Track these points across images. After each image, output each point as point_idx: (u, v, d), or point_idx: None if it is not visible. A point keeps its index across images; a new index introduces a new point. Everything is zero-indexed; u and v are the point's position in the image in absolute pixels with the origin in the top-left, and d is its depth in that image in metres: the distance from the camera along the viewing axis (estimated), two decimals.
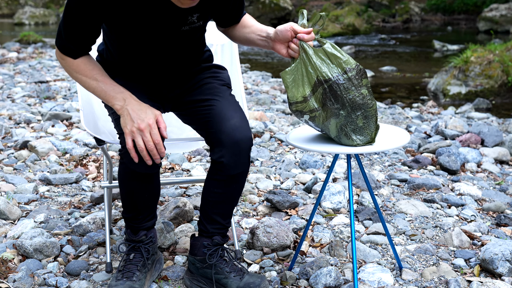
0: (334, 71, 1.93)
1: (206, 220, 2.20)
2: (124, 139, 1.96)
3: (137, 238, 2.21)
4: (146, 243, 2.22)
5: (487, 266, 2.38)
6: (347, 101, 1.93)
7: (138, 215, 2.19)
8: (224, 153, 2.01)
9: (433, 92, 7.30)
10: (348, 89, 1.93)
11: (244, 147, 2.02)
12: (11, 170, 3.60)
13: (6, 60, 8.54)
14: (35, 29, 16.81)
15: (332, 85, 1.92)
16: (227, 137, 2.00)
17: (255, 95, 6.20)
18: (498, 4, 15.18)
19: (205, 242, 2.19)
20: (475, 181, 3.57)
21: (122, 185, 2.14)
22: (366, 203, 3.09)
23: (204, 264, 2.19)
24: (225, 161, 2.02)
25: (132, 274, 2.14)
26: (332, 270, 2.26)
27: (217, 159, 2.04)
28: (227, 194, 2.14)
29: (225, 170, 2.05)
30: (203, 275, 2.21)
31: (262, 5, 16.25)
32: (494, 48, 7.34)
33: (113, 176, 2.79)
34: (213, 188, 2.14)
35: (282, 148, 4.15)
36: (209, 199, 2.16)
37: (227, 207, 2.18)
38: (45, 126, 4.56)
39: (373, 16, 17.56)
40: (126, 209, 2.20)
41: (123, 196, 2.18)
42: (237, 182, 2.12)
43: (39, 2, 23.10)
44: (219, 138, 2.02)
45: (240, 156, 2.02)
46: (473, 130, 4.55)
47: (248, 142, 2.03)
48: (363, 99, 1.94)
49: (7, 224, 2.81)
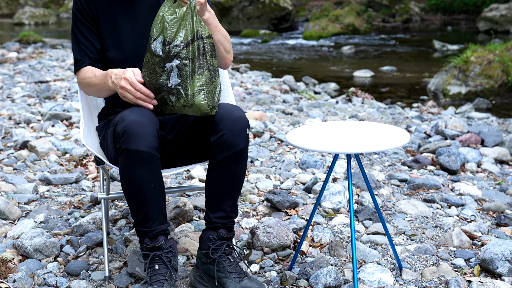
0: (208, 33, 2.10)
1: (209, 209, 2.21)
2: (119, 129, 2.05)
3: (157, 244, 2.10)
4: (166, 251, 2.12)
5: (487, 266, 2.38)
6: (211, 64, 2.09)
7: (149, 213, 2.09)
8: (223, 132, 2.11)
9: (433, 92, 7.30)
10: (214, 55, 2.11)
11: (242, 124, 2.13)
12: (11, 170, 3.60)
13: (6, 60, 8.54)
14: (35, 29, 16.82)
15: (207, 43, 2.08)
16: (224, 117, 2.13)
17: (255, 95, 6.20)
18: (498, 4, 15.18)
19: (210, 235, 2.20)
20: (475, 181, 3.57)
21: (127, 181, 2.07)
22: (366, 203, 3.08)
23: (208, 259, 2.19)
24: (224, 138, 2.10)
25: (161, 284, 2.06)
26: (332, 270, 2.26)
27: (217, 139, 2.12)
28: (227, 177, 2.15)
29: (225, 148, 2.11)
30: (206, 272, 2.21)
31: (262, 5, 16.24)
32: (494, 48, 7.34)
33: (110, 188, 2.79)
34: (214, 173, 2.16)
35: (282, 148, 4.15)
36: (210, 185, 2.18)
37: (228, 192, 2.17)
38: (45, 126, 4.56)
39: (373, 16, 17.56)
40: (136, 209, 2.10)
41: (130, 196, 2.09)
42: (236, 163, 2.14)
43: (39, 2, 23.10)
44: (217, 122, 2.14)
45: (239, 133, 2.12)
46: (473, 130, 4.55)
47: (244, 120, 2.14)
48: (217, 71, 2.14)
49: (7, 224, 2.81)
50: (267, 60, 10.45)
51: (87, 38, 2.29)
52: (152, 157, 2.04)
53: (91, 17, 2.29)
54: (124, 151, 2.03)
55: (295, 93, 6.82)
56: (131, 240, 2.58)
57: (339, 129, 2.29)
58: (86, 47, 2.29)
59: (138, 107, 2.10)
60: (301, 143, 2.09)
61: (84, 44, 2.29)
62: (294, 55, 11.19)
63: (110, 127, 2.26)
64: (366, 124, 2.36)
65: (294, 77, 7.70)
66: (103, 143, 2.32)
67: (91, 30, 2.29)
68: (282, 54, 11.37)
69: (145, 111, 2.09)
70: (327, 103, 6.10)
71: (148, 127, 2.04)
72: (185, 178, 3.50)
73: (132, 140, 2.00)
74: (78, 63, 2.30)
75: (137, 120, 2.03)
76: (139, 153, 2.01)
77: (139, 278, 2.30)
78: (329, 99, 6.52)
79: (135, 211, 2.11)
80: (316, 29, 14.56)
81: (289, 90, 6.92)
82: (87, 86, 2.27)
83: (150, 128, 2.04)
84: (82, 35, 2.29)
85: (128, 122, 2.03)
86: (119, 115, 2.11)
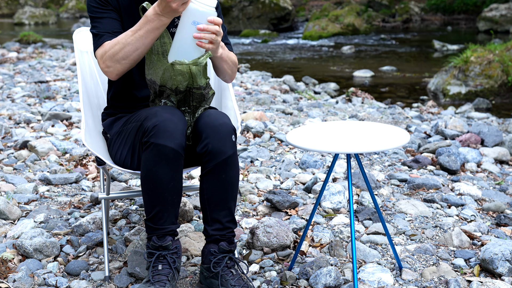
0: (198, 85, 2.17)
1: (206, 223, 2.18)
2: (150, 124, 2.03)
3: (164, 244, 2.09)
4: (172, 252, 2.11)
5: (487, 266, 2.38)
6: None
7: (163, 211, 2.08)
8: (207, 141, 2.08)
9: (433, 92, 7.30)
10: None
11: (225, 131, 2.10)
12: (11, 170, 3.60)
13: (6, 60, 8.54)
14: (35, 29, 16.82)
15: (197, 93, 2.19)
16: (207, 125, 2.10)
17: (255, 95, 6.20)
18: (498, 4, 15.18)
19: (211, 249, 2.17)
20: (475, 181, 3.57)
21: (148, 175, 2.05)
22: (366, 203, 3.09)
23: (211, 273, 2.16)
24: (210, 148, 2.08)
25: (163, 284, 2.05)
26: (332, 270, 2.26)
27: (202, 149, 2.09)
28: (218, 186, 2.12)
29: (211, 158, 2.08)
30: (209, 286, 2.18)
31: (262, 5, 16.24)
32: (494, 48, 7.34)
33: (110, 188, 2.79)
34: (205, 184, 2.14)
35: (282, 148, 4.15)
36: (204, 197, 2.15)
37: (221, 202, 2.14)
38: (45, 126, 4.56)
39: (373, 16, 17.55)
40: (151, 205, 2.08)
41: (147, 191, 2.08)
42: (225, 171, 2.10)
43: (39, 2, 23.10)
44: (200, 131, 2.11)
45: (223, 140, 2.09)
46: (473, 130, 4.55)
47: (228, 126, 2.11)
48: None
49: (7, 224, 2.81)
50: (267, 60, 10.45)
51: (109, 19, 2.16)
52: (178, 156, 2.04)
53: (114, 7, 2.19)
54: (152, 145, 2.02)
55: (295, 93, 6.82)
56: (131, 240, 2.58)
57: (339, 129, 2.29)
58: (107, 25, 2.15)
59: (167, 107, 2.11)
60: (301, 143, 2.09)
61: (105, 24, 2.16)
62: (294, 55, 11.19)
63: (131, 123, 2.23)
64: (366, 124, 2.36)
65: (294, 77, 7.70)
66: (115, 140, 2.30)
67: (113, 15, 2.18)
68: (282, 54, 11.38)
69: (176, 111, 2.10)
70: (327, 103, 6.10)
71: (179, 125, 2.05)
72: (185, 178, 3.50)
73: (163, 135, 2.00)
74: (99, 37, 2.13)
75: (169, 117, 2.04)
76: (167, 149, 2.01)
77: (139, 278, 2.30)
78: (329, 99, 6.52)
79: (149, 206, 2.09)
80: (316, 29, 14.56)
81: (289, 90, 6.92)
82: (113, 55, 2.07)
83: (181, 127, 2.05)
84: (103, 17, 2.16)
85: (161, 117, 2.03)
86: (148, 111, 2.10)
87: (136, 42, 2.04)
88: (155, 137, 2.01)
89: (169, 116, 2.05)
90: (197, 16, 1.99)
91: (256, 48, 12.30)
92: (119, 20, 2.20)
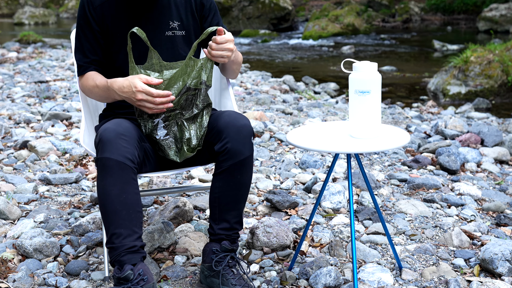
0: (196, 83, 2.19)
1: (213, 221, 2.18)
2: (96, 140, 2.06)
3: (122, 275, 1.91)
4: (136, 280, 1.92)
5: (487, 266, 2.38)
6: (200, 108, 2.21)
7: (120, 227, 1.95)
8: (227, 140, 2.09)
9: (433, 92, 7.30)
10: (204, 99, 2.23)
11: (246, 132, 2.11)
12: (11, 170, 3.60)
13: (6, 60, 8.54)
14: (35, 29, 16.81)
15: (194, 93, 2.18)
16: (228, 125, 2.11)
17: (254, 95, 6.20)
18: (498, 4, 15.18)
19: (214, 248, 2.17)
20: (475, 181, 3.57)
21: (98, 192, 2.00)
22: (366, 203, 3.09)
23: (212, 272, 2.16)
24: (229, 147, 2.08)
25: None
26: (332, 270, 2.26)
27: (222, 147, 2.10)
28: (231, 186, 2.12)
29: (229, 157, 2.08)
30: (209, 285, 2.18)
31: (262, 5, 16.23)
32: (494, 48, 7.34)
33: None
34: (218, 183, 2.14)
35: (282, 148, 4.15)
36: (215, 195, 2.15)
37: (233, 202, 2.15)
38: (45, 126, 4.56)
39: (373, 16, 17.55)
40: (106, 224, 1.98)
41: (101, 209, 2.00)
42: (240, 172, 2.11)
43: (39, 2, 23.10)
44: (220, 131, 2.12)
45: (243, 141, 2.09)
46: (473, 130, 4.55)
47: (249, 128, 2.13)
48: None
49: (7, 224, 2.81)
50: (267, 60, 10.45)
51: (91, 42, 2.25)
52: (124, 167, 1.95)
53: (97, 22, 2.23)
54: (99, 160, 1.99)
55: (295, 93, 6.81)
56: None
57: (339, 129, 2.29)
58: (89, 51, 2.25)
59: (118, 119, 2.10)
60: (301, 143, 2.09)
61: (88, 48, 2.25)
62: (294, 55, 11.19)
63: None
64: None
65: (294, 77, 7.70)
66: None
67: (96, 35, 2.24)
68: (282, 54, 11.37)
69: (124, 122, 2.06)
70: (327, 103, 6.10)
71: (124, 136, 1.99)
72: (185, 178, 3.50)
73: (106, 148, 1.97)
74: (81, 68, 2.27)
75: (111, 128, 2.01)
76: (111, 161, 1.95)
77: None
78: (329, 99, 6.52)
79: (106, 226, 1.98)
80: (316, 29, 14.56)
81: (289, 90, 6.92)
82: (89, 93, 2.27)
83: (125, 138, 1.99)
84: (86, 39, 2.25)
85: (102, 130, 2.01)
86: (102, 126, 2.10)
87: (103, 94, 2.21)
88: (100, 151, 1.99)
89: (111, 127, 2.01)
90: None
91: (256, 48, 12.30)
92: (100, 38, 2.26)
